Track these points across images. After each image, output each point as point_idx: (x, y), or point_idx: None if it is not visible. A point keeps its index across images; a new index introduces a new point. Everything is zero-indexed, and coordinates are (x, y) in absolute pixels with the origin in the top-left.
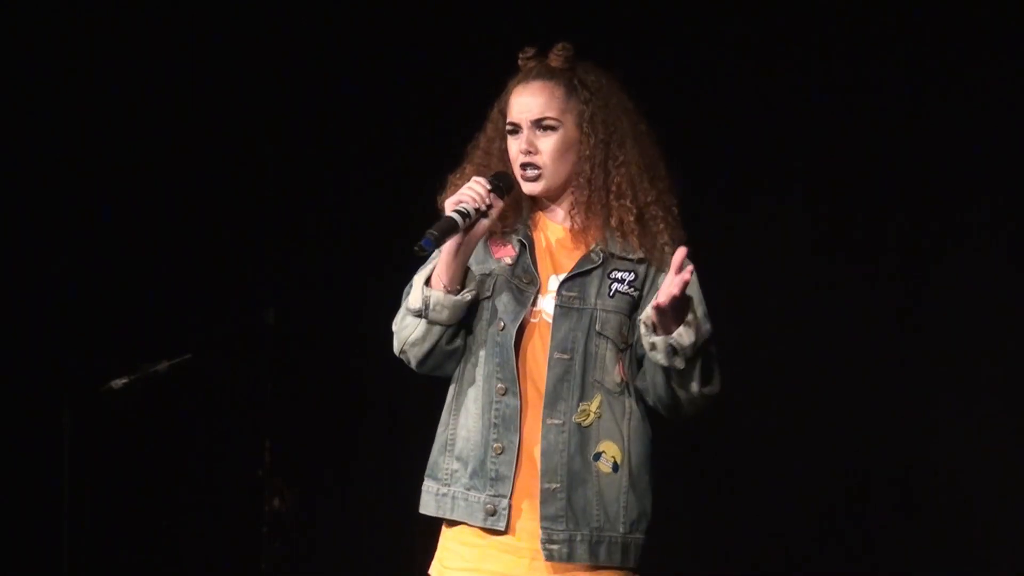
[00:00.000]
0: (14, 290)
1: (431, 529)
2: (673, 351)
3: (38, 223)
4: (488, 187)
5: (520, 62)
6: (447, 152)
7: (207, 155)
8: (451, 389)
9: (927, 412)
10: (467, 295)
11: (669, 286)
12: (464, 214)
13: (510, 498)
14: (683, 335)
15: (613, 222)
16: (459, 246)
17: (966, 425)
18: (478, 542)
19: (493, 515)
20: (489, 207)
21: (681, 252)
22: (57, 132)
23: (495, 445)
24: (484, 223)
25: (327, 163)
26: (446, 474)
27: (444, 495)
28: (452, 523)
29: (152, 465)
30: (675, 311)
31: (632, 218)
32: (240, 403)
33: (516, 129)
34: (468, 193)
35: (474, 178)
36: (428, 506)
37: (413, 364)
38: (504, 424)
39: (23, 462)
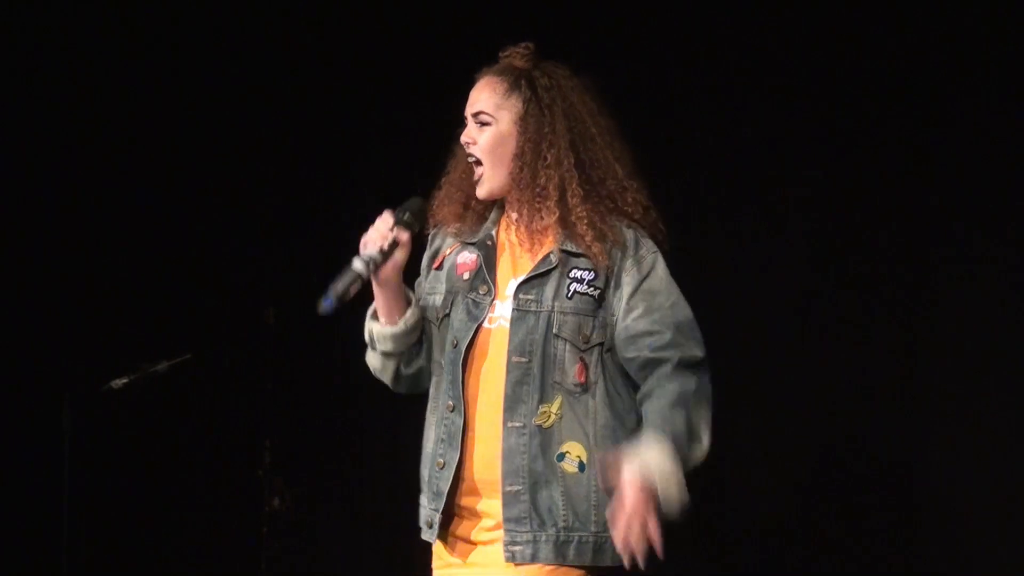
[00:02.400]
0: (14, 290)
1: None
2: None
3: (38, 223)
4: (391, 223)
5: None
6: (447, 152)
7: (207, 155)
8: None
9: (926, 414)
10: (405, 324)
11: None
12: (367, 260)
13: (441, 512)
14: (670, 507)
15: (560, 223)
16: (378, 285)
17: (966, 426)
18: (438, 550)
19: (430, 528)
20: (394, 243)
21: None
22: (57, 132)
23: (439, 460)
24: (398, 257)
25: (327, 163)
26: (422, 484)
27: (420, 504)
28: None
29: (152, 465)
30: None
31: (554, 219)
32: (240, 403)
33: (465, 121)
34: (371, 235)
35: (381, 216)
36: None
37: (390, 387)
38: (449, 440)
39: (23, 462)
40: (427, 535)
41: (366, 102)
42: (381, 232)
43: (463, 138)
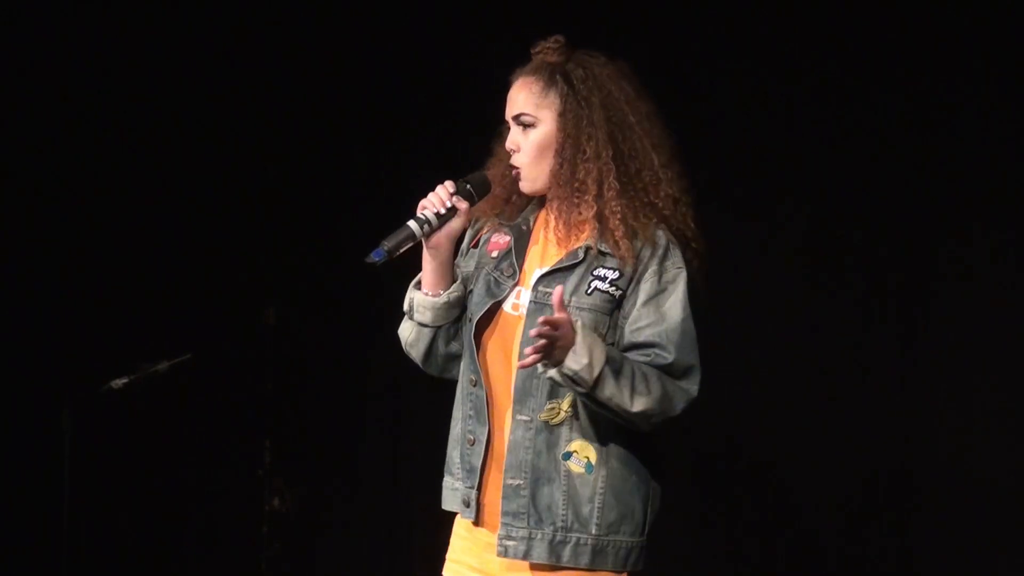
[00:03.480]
0: (14, 290)
1: (430, 529)
2: (571, 380)
3: (38, 223)
4: (452, 191)
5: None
6: (448, 151)
7: (207, 155)
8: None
9: (927, 414)
10: (448, 296)
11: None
12: (422, 221)
13: (478, 490)
14: (572, 361)
15: (594, 219)
16: (429, 251)
17: (967, 427)
18: (464, 535)
19: (468, 507)
20: (452, 210)
21: (557, 292)
22: (57, 132)
23: (469, 437)
24: (453, 225)
25: (327, 163)
26: (451, 466)
27: (447, 487)
28: (455, 514)
29: (152, 465)
30: (550, 347)
31: (592, 214)
32: (240, 403)
33: (506, 124)
34: (430, 198)
35: (443, 183)
36: (444, 500)
37: (419, 365)
38: (476, 416)
39: (23, 462)
40: (466, 515)
41: (367, 102)
42: (441, 197)
43: (509, 145)
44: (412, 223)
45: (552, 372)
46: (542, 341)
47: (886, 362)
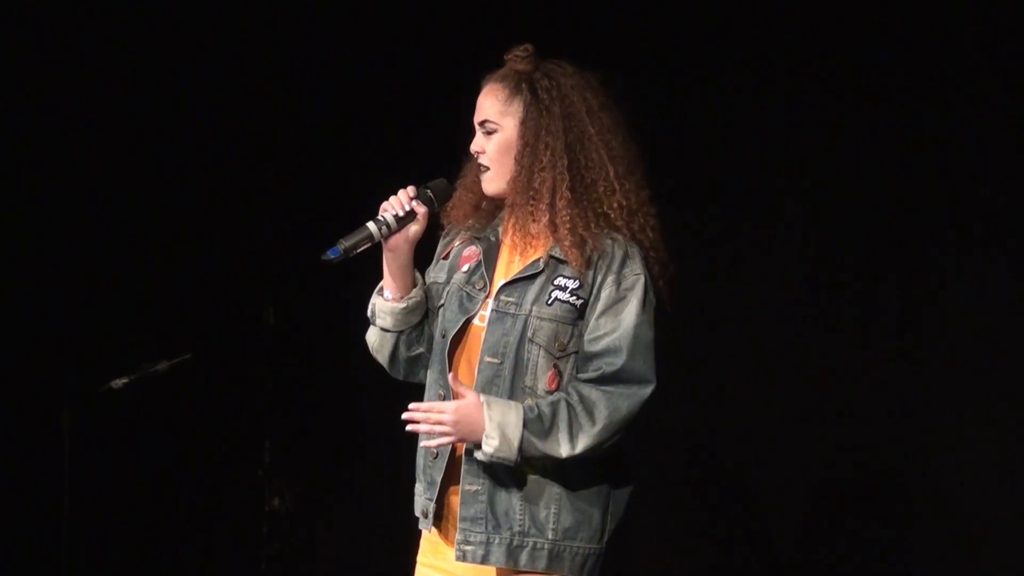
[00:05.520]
0: (14, 290)
1: None
2: (495, 459)
3: (38, 223)
4: (412, 195)
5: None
6: (447, 151)
7: (207, 155)
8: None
9: (925, 415)
10: (407, 302)
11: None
12: (381, 223)
13: (436, 501)
14: (486, 446)
15: (550, 228)
16: (388, 253)
17: (963, 427)
18: (432, 539)
19: (426, 517)
20: (410, 214)
21: (451, 378)
22: (57, 132)
23: (432, 451)
24: (413, 229)
25: (327, 162)
26: (419, 473)
27: (417, 493)
28: None
29: (152, 465)
30: (454, 432)
31: (544, 222)
32: (240, 403)
33: (473, 129)
34: (390, 201)
35: (404, 188)
36: (415, 506)
37: (386, 369)
38: None
39: (23, 462)
40: (423, 524)
41: (367, 103)
42: (401, 200)
43: (473, 147)
44: (371, 224)
45: (477, 454)
46: (434, 428)
47: (886, 362)
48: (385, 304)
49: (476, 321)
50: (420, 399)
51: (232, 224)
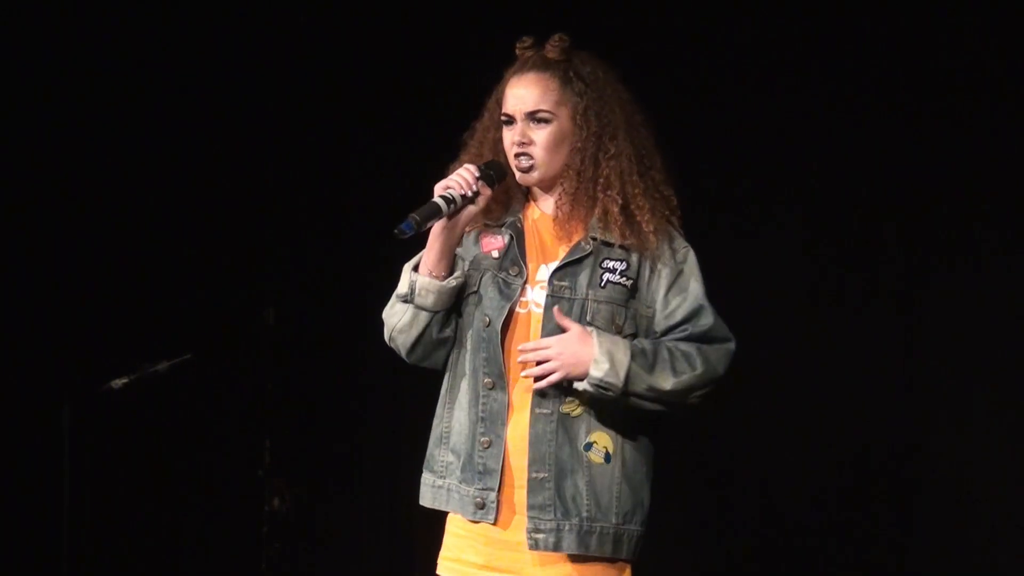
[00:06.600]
0: (14, 290)
1: (431, 528)
2: (601, 388)
3: (38, 223)
4: (477, 174)
5: (517, 52)
6: (447, 150)
7: (207, 155)
8: (444, 381)
9: (925, 411)
10: (453, 281)
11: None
12: (449, 200)
13: (498, 491)
14: (595, 370)
15: (598, 212)
16: (444, 231)
17: (964, 423)
18: (463, 533)
19: (482, 508)
20: (476, 194)
21: (556, 312)
22: (57, 132)
23: (482, 439)
24: (471, 209)
25: (326, 162)
26: (441, 466)
27: (439, 487)
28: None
29: (152, 465)
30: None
31: (617, 209)
32: (240, 403)
33: (511, 120)
34: (455, 179)
35: (465, 165)
36: (425, 498)
37: (402, 352)
38: (491, 418)
39: (23, 462)
40: (477, 516)
41: (366, 103)
42: (465, 179)
43: (517, 139)
44: (439, 199)
45: (583, 385)
46: (537, 368)
47: (885, 363)
48: (432, 283)
49: (518, 308)
50: (424, 389)
51: (232, 224)
